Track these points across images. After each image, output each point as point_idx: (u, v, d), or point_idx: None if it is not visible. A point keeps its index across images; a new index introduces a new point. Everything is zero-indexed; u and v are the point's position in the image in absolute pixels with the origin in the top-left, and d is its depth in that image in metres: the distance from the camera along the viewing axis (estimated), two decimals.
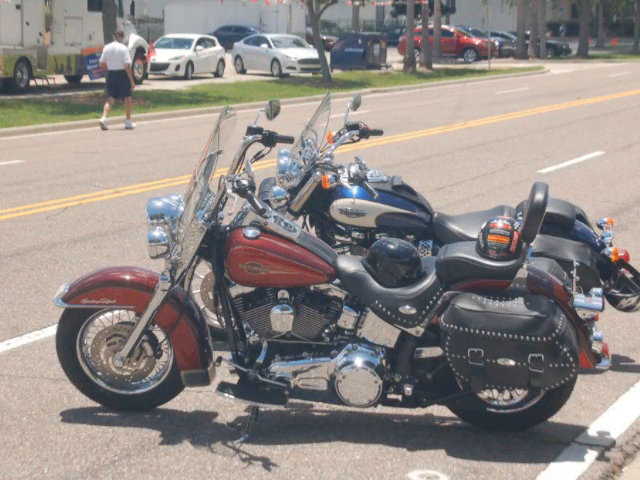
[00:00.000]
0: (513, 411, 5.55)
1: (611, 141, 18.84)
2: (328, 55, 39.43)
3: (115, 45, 21.71)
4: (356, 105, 7.73)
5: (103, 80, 27.54)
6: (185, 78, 36.22)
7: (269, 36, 42.30)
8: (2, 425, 5.66)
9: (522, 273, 5.28)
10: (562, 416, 5.74)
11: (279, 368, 5.51)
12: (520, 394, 5.52)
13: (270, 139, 5.88)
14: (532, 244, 5.41)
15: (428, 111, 25.30)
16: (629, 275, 6.70)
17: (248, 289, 5.51)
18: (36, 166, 15.76)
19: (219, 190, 5.47)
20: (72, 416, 5.78)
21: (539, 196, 5.28)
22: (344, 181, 6.96)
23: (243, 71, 41.05)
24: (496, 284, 5.31)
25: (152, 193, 12.75)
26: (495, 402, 5.55)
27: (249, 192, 5.39)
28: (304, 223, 7.22)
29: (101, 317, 5.80)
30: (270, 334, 5.52)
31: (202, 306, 6.97)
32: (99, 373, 5.80)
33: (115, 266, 7.13)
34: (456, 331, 5.20)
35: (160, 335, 5.74)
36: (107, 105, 21.46)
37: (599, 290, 5.48)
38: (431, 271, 5.43)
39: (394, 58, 47.45)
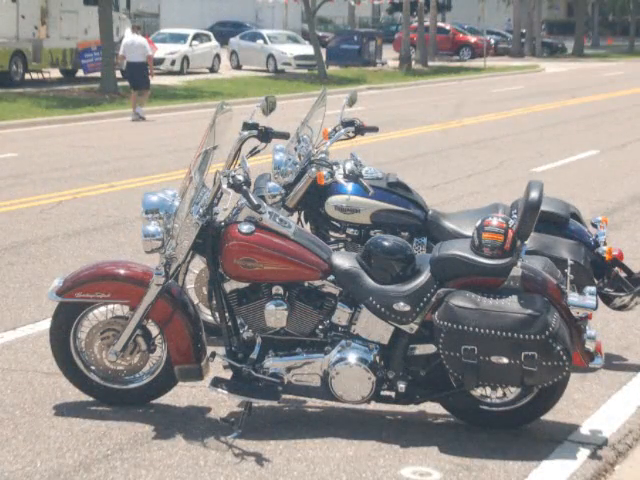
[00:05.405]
0: (506, 409, 5.56)
1: (606, 140, 18.85)
2: (324, 51, 39.41)
3: (135, 38, 21.87)
4: (352, 102, 7.73)
5: (98, 74, 27.58)
6: (180, 73, 36.17)
7: (265, 32, 42.27)
8: None
9: (516, 271, 5.29)
10: (555, 414, 5.75)
11: (273, 364, 5.51)
12: (513, 392, 5.53)
13: (266, 135, 5.90)
14: (526, 242, 5.42)
15: (423, 108, 25.30)
16: (623, 274, 6.72)
17: (242, 284, 5.51)
18: (30, 160, 15.73)
19: (214, 185, 5.46)
20: (65, 410, 5.77)
21: (534, 194, 5.28)
22: (339, 177, 6.95)
23: (238, 67, 41.00)
24: (490, 282, 5.32)
25: (147, 188, 12.71)
26: (488, 399, 5.55)
27: (244, 188, 5.38)
28: (299, 219, 7.22)
29: (95, 311, 5.78)
30: (264, 330, 5.52)
31: (196, 301, 6.97)
32: (93, 367, 5.79)
33: (109, 260, 7.14)
34: (450, 328, 5.21)
35: (154, 330, 5.74)
36: (134, 97, 21.61)
37: (593, 289, 5.48)
38: (425, 268, 5.43)
39: (390, 55, 47.42)
